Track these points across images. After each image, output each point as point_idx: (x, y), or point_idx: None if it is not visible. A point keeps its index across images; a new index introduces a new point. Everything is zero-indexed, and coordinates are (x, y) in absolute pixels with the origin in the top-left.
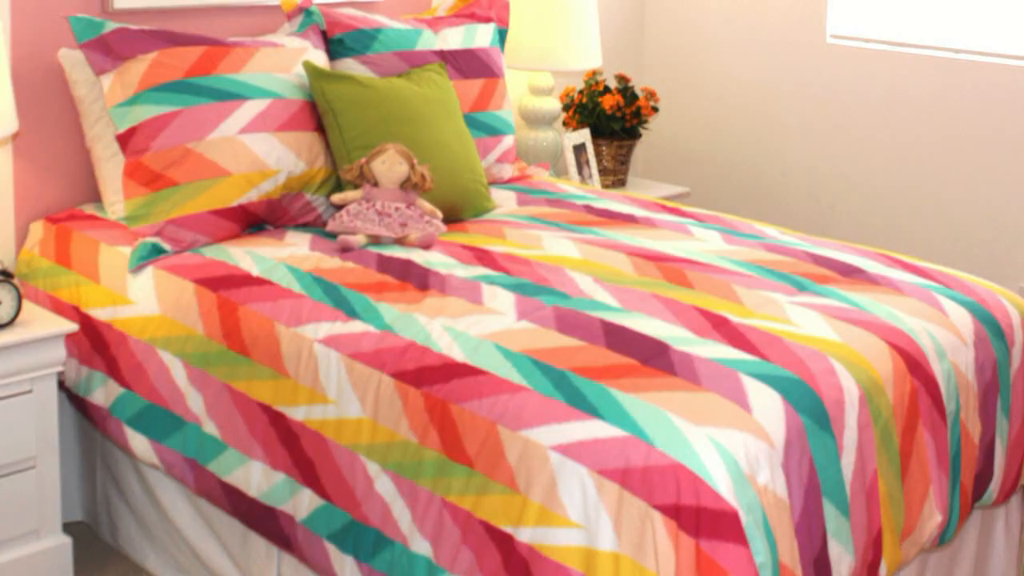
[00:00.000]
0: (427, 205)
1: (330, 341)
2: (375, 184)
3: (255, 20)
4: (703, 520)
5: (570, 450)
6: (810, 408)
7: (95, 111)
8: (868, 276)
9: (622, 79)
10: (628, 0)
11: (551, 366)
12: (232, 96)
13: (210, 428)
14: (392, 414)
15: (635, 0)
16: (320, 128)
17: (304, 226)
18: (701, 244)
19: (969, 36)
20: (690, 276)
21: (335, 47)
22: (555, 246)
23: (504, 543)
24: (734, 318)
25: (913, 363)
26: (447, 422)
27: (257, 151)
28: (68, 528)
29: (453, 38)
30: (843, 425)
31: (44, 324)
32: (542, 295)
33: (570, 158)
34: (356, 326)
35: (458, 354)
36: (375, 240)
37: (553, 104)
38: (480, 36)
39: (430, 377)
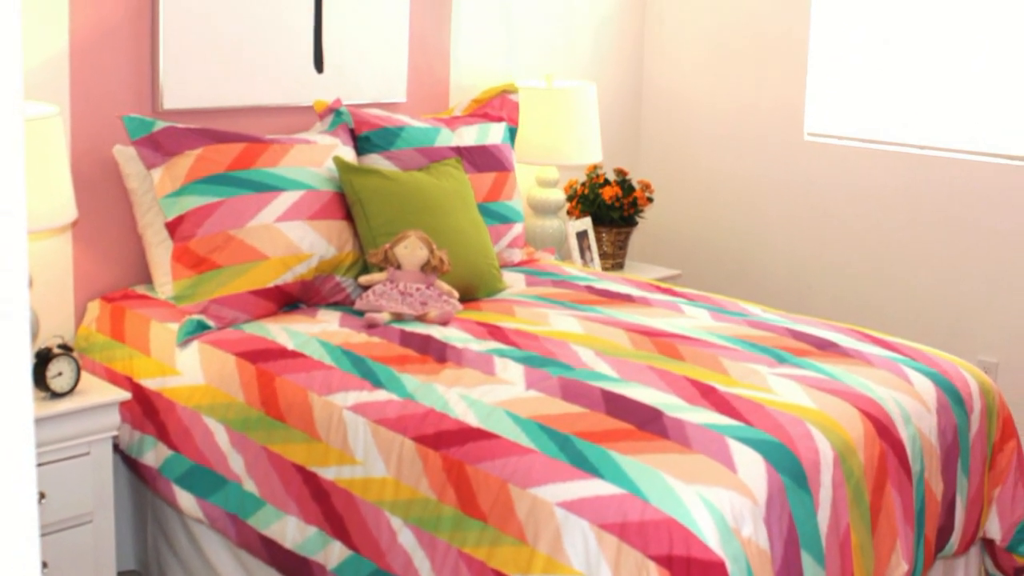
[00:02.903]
0: (445, 286)
1: (358, 408)
2: (398, 267)
3: (290, 119)
4: (693, 569)
5: (574, 506)
6: (789, 468)
7: (146, 201)
8: (841, 349)
9: (620, 172)
10: (625, 101)
11: (556, 430)
12: (270, 188)
13: (250, 486)
14: (413, 474)
15: (632, 101)
16: (349, 216)
17: (334, 305)
18: (691, 321)
19: (933, 134)
20: (681, 350)
21: (362, 144)
22: (560, 323)
23: None
24: (721, 387)
25: (882, 428)
26: (463, 481)
27: (292, 237)
28: None
29: (468, 136)
30: (819, 484)
31: (100, 393)
32: (548, 367)
33: (573, 243)
34: (381, 395)
35: (473, 420)
36: (398, 317)
37: (558, 195)
38: (493, 134)
39: (448, 440)
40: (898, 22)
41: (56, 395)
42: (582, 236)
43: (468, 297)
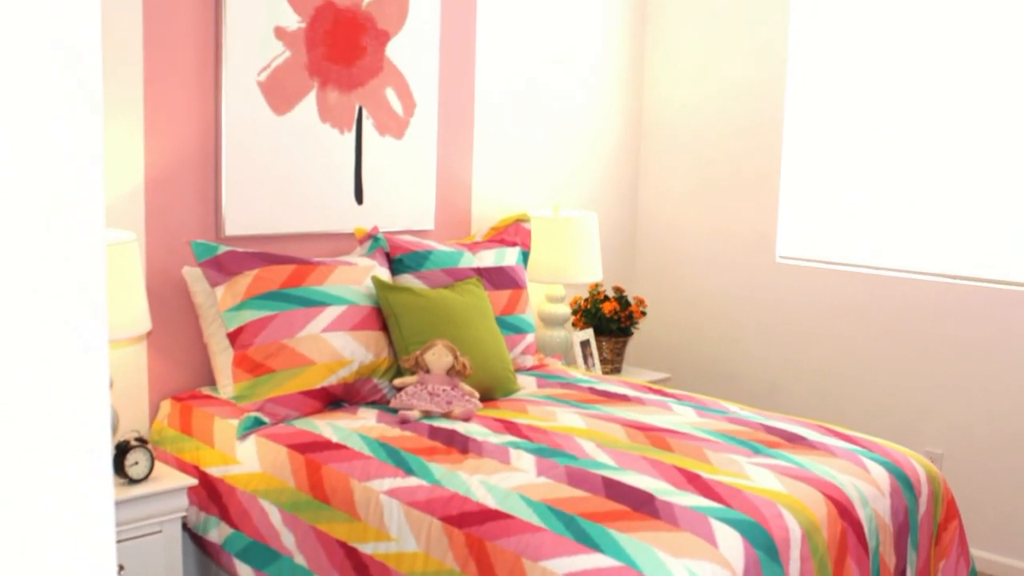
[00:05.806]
0: (467, 387)
1: (392, 492)
2: (427, 371)
3: (334, 244)
4: None
5: None
6: (763, 544)
7: (211, 315)
8: (808, 442)
9: (618, 290)
10: (623, 228)
11: (563, 511)
12: (317, 303)
13: (300, 560)
14: (440, 549)
15: (628, 228)
16: (384, 328)
17: (372, 403)
18: (679, 417)
19: (886, 257)
20: (671, 442)
21: (396, 265)
22: (566, 419)
23: None
24: (705, 475)
25: (842, 509)
26: (483, 555)
27: (336, 345)
28: None
29: (487, 258)
30: (789, 557)
31: (171, 479)
32: (556, 457)
33: (578, 351)
34: (412, 481)
35: (491, 502)
36: (427, 414)
37: (565, 309)
38: (508, 257)
39: (470, 520)
40: (857, 161)
41: (133, 481)
42: (585, 344)
43: (487, 397)
